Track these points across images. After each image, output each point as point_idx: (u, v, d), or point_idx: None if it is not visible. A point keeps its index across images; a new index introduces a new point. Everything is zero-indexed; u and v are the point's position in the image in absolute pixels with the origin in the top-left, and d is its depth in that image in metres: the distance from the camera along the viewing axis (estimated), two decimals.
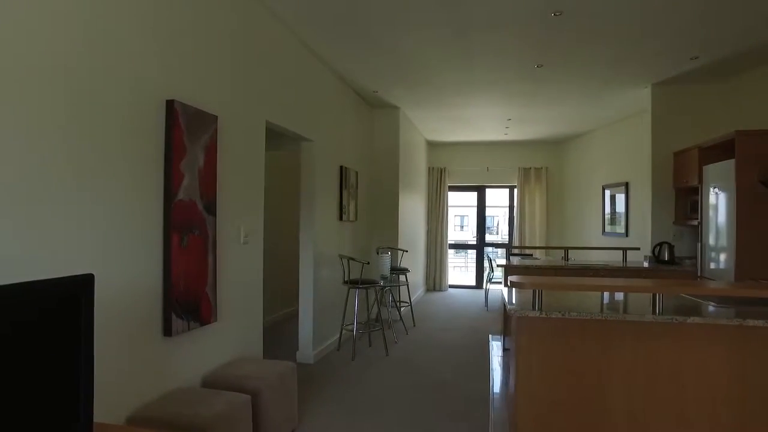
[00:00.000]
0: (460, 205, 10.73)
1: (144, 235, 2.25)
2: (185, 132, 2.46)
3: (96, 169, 1.97)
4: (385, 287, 5.24)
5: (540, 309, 2.42)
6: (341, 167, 5.24)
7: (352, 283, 4.71)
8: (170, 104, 2.37)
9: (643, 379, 2.40)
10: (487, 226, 10.27)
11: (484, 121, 7.27)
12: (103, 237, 2.01)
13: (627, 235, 6.71)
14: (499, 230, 12.08)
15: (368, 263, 5.06)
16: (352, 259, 4.74)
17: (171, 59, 2.42)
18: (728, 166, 4.14)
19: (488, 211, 10.12)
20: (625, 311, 2.47)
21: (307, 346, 4.46)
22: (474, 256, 10.06)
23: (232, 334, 3.02)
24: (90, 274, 1.60)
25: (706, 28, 3.73)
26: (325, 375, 4.11)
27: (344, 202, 5.30)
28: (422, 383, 3.95)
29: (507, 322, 2.97)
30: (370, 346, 5.06)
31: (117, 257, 2.09)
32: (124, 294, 2.12)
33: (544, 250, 8.53)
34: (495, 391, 3.78)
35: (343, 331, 4.99)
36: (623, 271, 4.73)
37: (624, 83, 5.14)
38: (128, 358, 2.15)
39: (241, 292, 3.12)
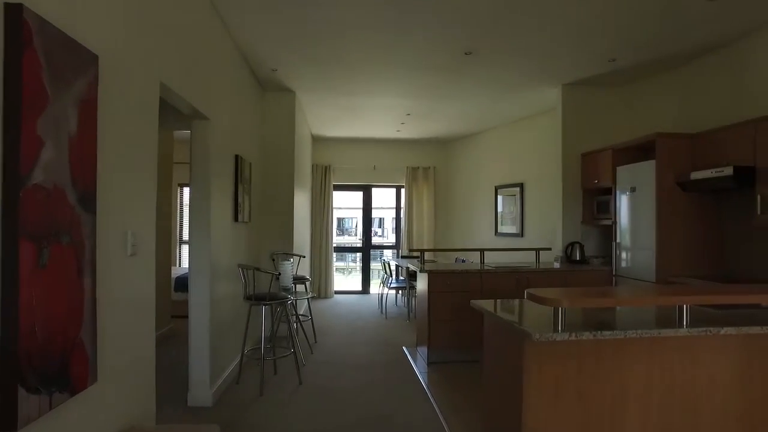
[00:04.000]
0: (346, 207, 10.12)
1: None
2: (45, 68, 1.42)
3: None
4: (289, 301, 4.38)
5: (565, 329, 1.94)
6: (237, 156, 4.24)
7: (259, 299, 3.78)
8: (15, 11, 1.33)
9: (658, 395, 2.11)
10: (373, 228, 9.86)
11: (381, 113, 6.77)
12: None
13: (522, 236, 6.81)
14: (385, 232, 11.79)
15: (279, 274, 4.15)
16: (257, 269, 3.80)
17: None
18: (642, 167, 4.23)
19: (375, 212, 9.71)
20: (636, 327, 2.12)
21: (202, 385, 3.41)
22: (359, 259, 9.56)
23: (119, 395, 1.97)
24: None
25: (627, 31, 3.75)
26: (234, 423, 3.14)
27: (240, 200, 4.31)
28: (358, 419, 3.23)
29: (489, 337, 2.45)
30: (275, 373, 4.16)
31: None
32: None
33: (433, 253, 8.40)
34: (442, 416, 3.26)
35: (244, 359, 4.02)
36: (545, 273, 4.61)
37: (541, 81, 5.07)
38: None
39: (129, 330, 2.08)
